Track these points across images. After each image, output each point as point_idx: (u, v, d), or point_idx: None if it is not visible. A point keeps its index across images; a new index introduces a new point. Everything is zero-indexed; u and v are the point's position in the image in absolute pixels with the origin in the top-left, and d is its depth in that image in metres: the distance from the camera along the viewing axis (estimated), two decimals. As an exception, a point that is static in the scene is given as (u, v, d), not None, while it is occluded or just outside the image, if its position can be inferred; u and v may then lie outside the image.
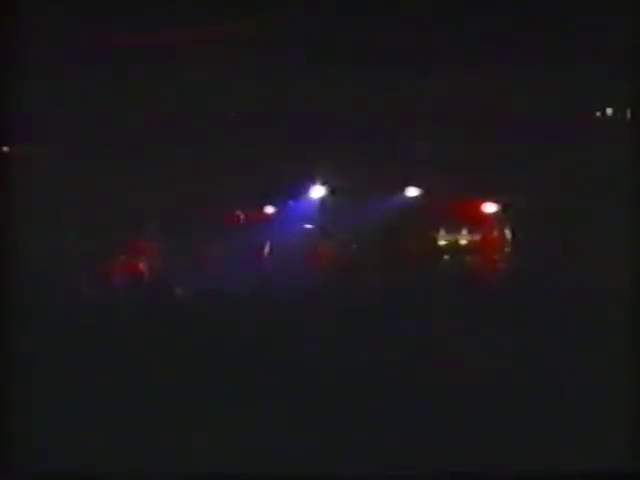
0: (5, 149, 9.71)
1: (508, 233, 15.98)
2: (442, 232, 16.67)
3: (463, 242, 16.69)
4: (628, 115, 11.52)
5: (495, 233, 16.20)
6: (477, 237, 16.54)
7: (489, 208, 16.10)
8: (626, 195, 8.24)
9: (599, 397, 6.46)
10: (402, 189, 15.95)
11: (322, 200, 15.95)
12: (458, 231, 16.68)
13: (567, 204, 13.83)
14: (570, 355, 7.41)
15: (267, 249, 14.75)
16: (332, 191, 15.80)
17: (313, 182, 15.73)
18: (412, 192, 16.06)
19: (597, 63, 10.87)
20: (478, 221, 16.41)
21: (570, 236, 13.54)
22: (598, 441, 6.01)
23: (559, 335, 7.77)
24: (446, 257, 16.44)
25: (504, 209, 16.00)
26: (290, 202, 15.87)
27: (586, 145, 12.86)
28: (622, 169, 8.57)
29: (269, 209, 15.94)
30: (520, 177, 14.14)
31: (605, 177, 12.03)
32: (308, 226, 15.78)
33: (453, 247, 16.61)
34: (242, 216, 15.68)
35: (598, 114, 13.41)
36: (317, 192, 15.88)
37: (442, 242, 16.67)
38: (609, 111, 13.19)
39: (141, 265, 13.48)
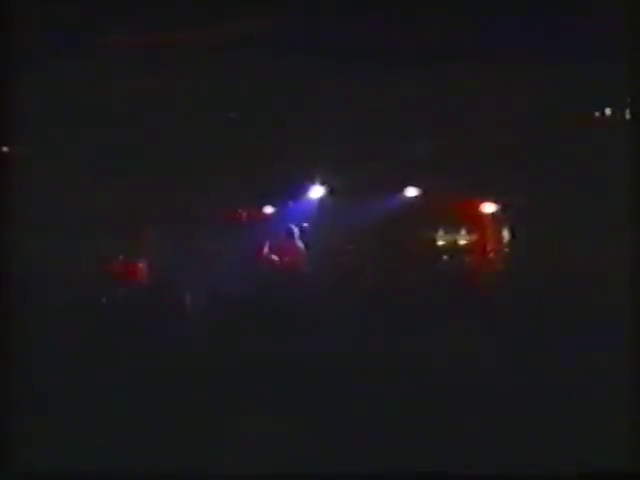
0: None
1: (507, 233, 16.07)
2: (441, 232, 16.84)
3: (462, 242, 16.83)
4: (627, 115, 11.62)
5: (494, 233, 16.31)
6: (476, 237, 16.66)
7: (489, 208, 16.22)
8: (626, 195, 8.32)
9: (599, 397, 6.55)
10: (401, 189, 16.08)
11: (321, 200, 16.04)
12: (457, 231, 16.84)
13: (567, 204, 13.93)
14: (571, 355, 7.49)
15: (265, 250, 14.76)
16: (331, 191, 15.90)
17: (312, 182, 15.83)
18: (411, 192, 16.18)
19: (596, 62, 11.00)
20: (478, 221, 16.47)
21: (571, 236, 13.64)
22: (598, 441, 6.10)
23: (560, 336, 7.85)
24: (445, 257, 16.51)
25: (503, 209, 16.07)
26: (288, 202, 15.97)
27: (586, 145, 12.97)
28: (622, 169, 8.65)
29: (267, 209, 16.06)
30: (519, 177, 14.28)
31: (605, 177, 12.12)
32: (306, 226, 15.59)
33: (452, 247, 16.67)
34: (239, 216, 15.79)
35: (597, 114, 13.55)
36: (316, 192, 15.97)
37: (441, 242, 16.85)
38: (608, 111, 13.31)
39: (136, 265, 13.56)
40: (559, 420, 6.50)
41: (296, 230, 14.61)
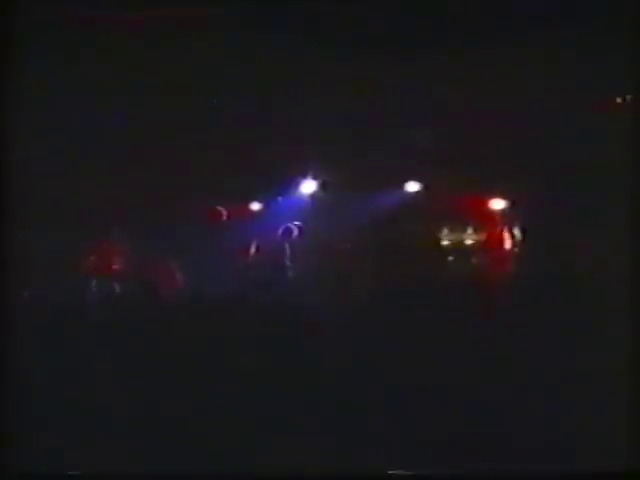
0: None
1: (518, 232, 16.34)
2: (445, 231, 17.09)
3: (468, 242, 17.06)
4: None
5: (503, 232, 16.52)
6: (483, 236, 16.92)
7: (495, 205, 16.63)
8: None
9: (600, 397, 7.37)
10: (400, 184, 16.53)
11: (312, 196, 16.51)
12: (463, 230, 17.10)
13: (580, 200, 14.39)
14: (583, 356, 8.24)
15: (252, 249, 15.29)
16: (323, 186, 16.42)
17: (303, 176, 16.32)
18: (411, 187, 16.63)
19: (600, 56, 11.74)
20: (484, 219, 16.76)
21: (585, 234, 14.04)
22: (598, 441, 6.93)
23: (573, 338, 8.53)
24: (450, 258, 16.73)
25: (512, 205, 16.51)
26: (278, 198, 16.41)
27: (598, 137, 13.46)
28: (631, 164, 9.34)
29: (255, 206, 16.47)
30: (527, 172, 14.81)
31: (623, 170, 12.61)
32: (297, 224, 16.17)
33: (457, 247, 16.95)
34: (226, 213, 16.24)
35: (605, 106, 14.00)
36: (307, 187, 16.44)
37: (445, 242, 17.08)
38: (616, 103, 13.82)
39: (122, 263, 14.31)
40: (560, 420, 7.33)
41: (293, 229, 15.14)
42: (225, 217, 16.25)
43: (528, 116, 14.02)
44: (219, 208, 16.23)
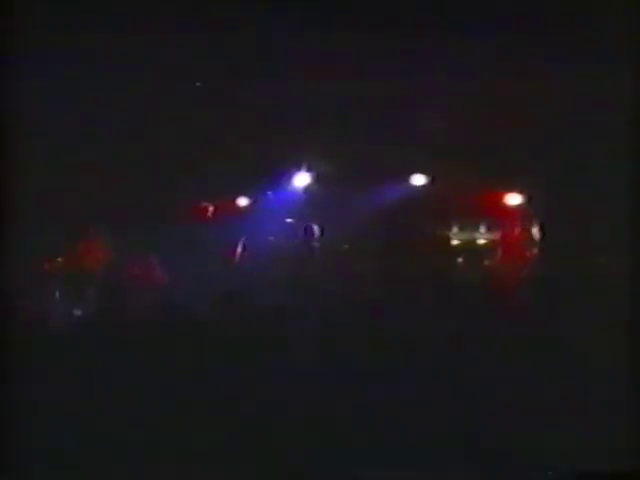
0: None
1: (534, 230, 16.73)
2: (454, 229, 17.57)
3: (480, 242, 17.45)
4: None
5: (518, 230, 16.98)
6: (495, 235, 17.34)
7: (509, 200, 16.99)
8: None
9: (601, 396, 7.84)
10: (400, 176, 16.95)
11: (305, 190, 16.97)
12: (473, 229, 17.53)
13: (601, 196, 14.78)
14: (602, 359, 8.64)
15: (240, 248, 15.75)
16: (317, 179, 16.89)
17: (296, 168, 16.78)
18: (414, 180, 17.08)
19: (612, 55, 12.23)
20: (496, 216, 17.18)
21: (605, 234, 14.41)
22: (598, 441, 7.40)
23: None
24: (459, 260, 17.17)
25: (528, 201, 16.94)
26: (268, 192, 16.89)
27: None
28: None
29: (243, 200, 16.99)
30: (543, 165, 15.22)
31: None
32: (289, 221, 16.71)
33: (466, 248, 17.39)
34: (212, 209, 16.83)
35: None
36: (299, 180, 16.90)
37: (454, 242, 17.56)
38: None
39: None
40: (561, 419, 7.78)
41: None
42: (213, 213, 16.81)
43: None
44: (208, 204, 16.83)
